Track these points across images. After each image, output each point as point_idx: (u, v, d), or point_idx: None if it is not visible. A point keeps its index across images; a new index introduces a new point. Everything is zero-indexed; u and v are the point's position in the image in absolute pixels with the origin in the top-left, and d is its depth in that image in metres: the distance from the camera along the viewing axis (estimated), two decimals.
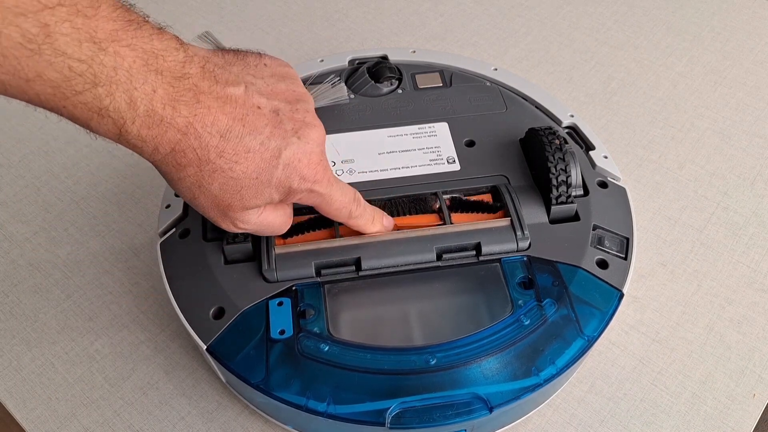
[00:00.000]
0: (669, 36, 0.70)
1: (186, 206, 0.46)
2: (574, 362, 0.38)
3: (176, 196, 0.46)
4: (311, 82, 0.52)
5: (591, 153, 0.49)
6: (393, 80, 0.53)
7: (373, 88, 0.52)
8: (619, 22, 0.71)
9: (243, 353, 0.38)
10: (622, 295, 0.41)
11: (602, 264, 0.42)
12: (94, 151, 0.59)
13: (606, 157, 0.49)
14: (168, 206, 0.46)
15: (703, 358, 0.46)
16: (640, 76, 0.65)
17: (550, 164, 0.43)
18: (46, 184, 0.57)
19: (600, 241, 0.43)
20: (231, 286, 0.41)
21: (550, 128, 0.45)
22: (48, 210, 0.55)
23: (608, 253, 0.43)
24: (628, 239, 0.44)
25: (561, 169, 0.43)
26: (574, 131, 0.51)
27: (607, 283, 0.41)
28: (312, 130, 0.34)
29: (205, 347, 0.39)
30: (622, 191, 0.47)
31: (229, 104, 0.31)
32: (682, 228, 0.53)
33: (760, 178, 0.57)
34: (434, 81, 0.53)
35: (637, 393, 0.45)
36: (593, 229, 0.44)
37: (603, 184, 0.47)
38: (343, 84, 0.50)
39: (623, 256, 0.43)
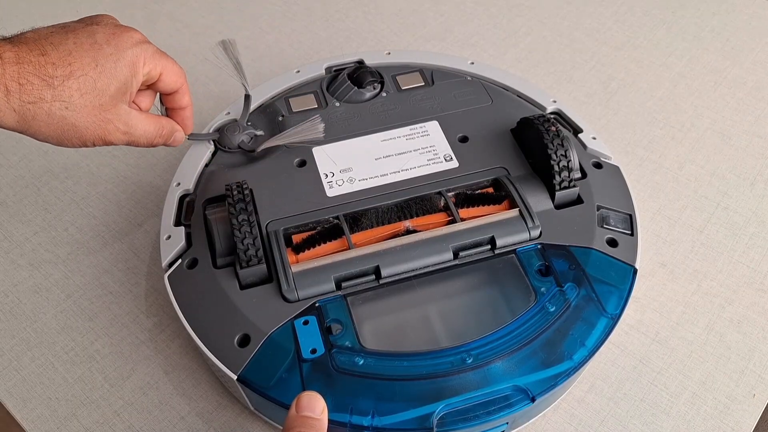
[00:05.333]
0: (669, 36, 0.70)
1: (189, 236, 0.44)
2: (603, 341, 0.39)
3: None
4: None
5: (580, 136, 0.50)
6: (375, 84, 0.53)
7: (357, 94, 0.52)
8: (619, 22, 0.71)
9: (276, 378, 0.38)
10: (635, 271, 0.42)
11: (612, 243, 0.43)
12: (94, 151, 0.59)
13: (594, 138, 0.50)
14: (168, 237, 0.44)
15: (703, 358, 0.46)
16: (640, 76, 0.65)
17: (550, 151, 0.44)
18: (46, 184, 0.57)
19: (606, 221, 0.44)
20: (252, 312, 0.40)
21: (543, 116, 0.46)
22: (48, 210, 0.55)
23: (615, 231, 0.44)
24: (631, 215, 0.45)
25: (561, 154, 0.44)
26: (560, 116, 0.52)
27: (619, 260, 0.42)
28: (98, 18, 0.41)
29: (236, 377, 0.38)
30: (617, 170, 0.48)
31: (32, 39, 0.38)
32: (682, 228, 0.53)
33: (760, 178, 0.57)
34: (416, 81, 0.54)
35: (637, 393, 0.45)
36: (597, 210, 0.44)
37: (598, 165, 0.48)
38: (320, 122, 0.48)
39: (629, 232, 0.44)
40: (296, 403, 0.32)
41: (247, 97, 0.50)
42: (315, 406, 0.32)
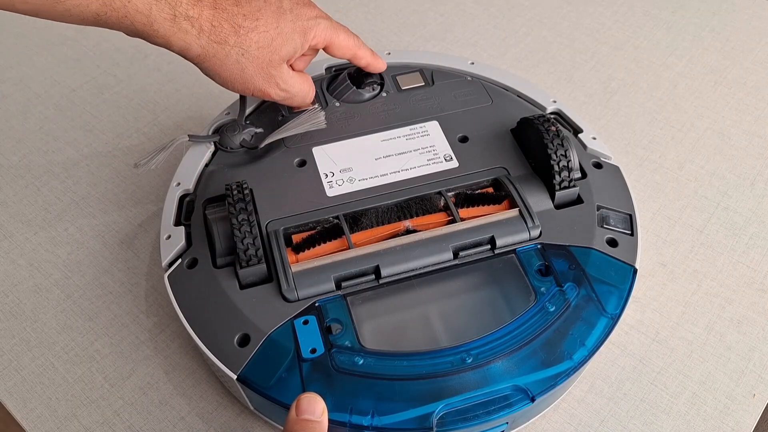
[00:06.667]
0: (669, 36, 0.70)
1: (189, 236, 0.44)
2: (603, 341, 0.39)
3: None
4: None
5: (580, 136, 0.50)
6: (375, 84, 0.53)
7: (357, 94, 0.52)
8: (619, 22, 0.71)
9: (276, 378, 0.38)
10: (635, 271, 0.42)
11: (612, 243, 0.43)
12: (94, 151, 0.59)
13: (594, 138, 0.50)
14: (168, 237, 0.44)
15: (703, 358, 0.46)
16: (640, 76, 0.65)
17: (550, 151, 0.44)
18: (46, 184, 0.57)
19: (606, 221, 0.44)
20: (251, 311, 0.40)
21: (543, 116, 0.46)
22: (48, 210, 0.55)
23: (615, 231, 0.44)
24: (631, 215, 0.45)
25: (561, 154, 0.44)
26: (560, 116, 0.52)
27: (619, 260, 0.42)
28: None
29: (236, 377, 0.38)
30: (617, 170, 0.48)
31: None
32: (682, 228, 0.53)
33: (760, 178, 0.57)
34: (416, 81, 0.54)
35: (637, 393, 0.45)
36: (597, 210, 0.45)
37: (598, 165, 0.48)
38: (321, 111, 0.49)
39: (629, 232, 0.44)
40: (296, 406, 0.32)
41: (242, 96, 0.50)
42: (315, 409, 0.32)
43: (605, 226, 0.44)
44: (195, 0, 0.40)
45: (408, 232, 0.43)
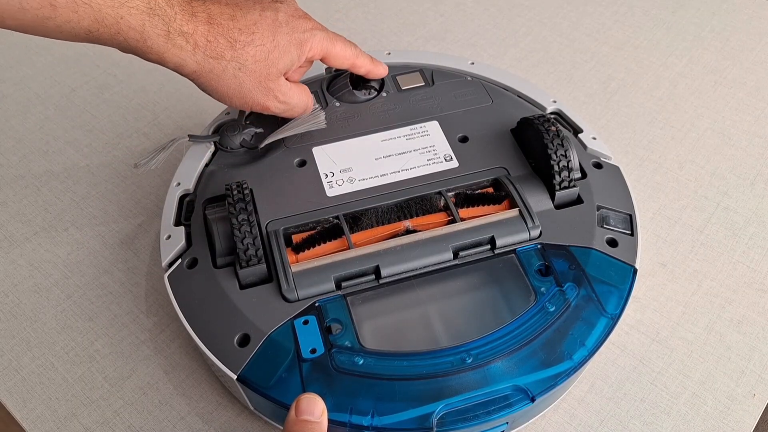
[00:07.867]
0: (669, 36, 0.70)
1: (189, 236, 0.44)
2: (603, 341, 0.39)
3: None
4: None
5: (580, 136, 0.50)
6: (375, 84, 0.53)
7: (357, 94, 0.52)
8: (619, 22, 0.71)
9: (276, 378, 0.38)
10: (635, 271, 0.42)
11: (612, 243, 0.43)
12: (94, 151, 0.59)
13: (594, 139, 0.50)
14: (168, 237, 0.44)
15: (703, 358, 0.46)
16: (640, 76, 0.65)
17: (550, 151, 0.44)
18: (46, 184, 0.57)
19: (606, 221, 0.44)
20: (251, 311, 0.40)
21: (543, 116, 0.46)
22: (48, 210, 0.55)
23: (615, 231, 0.44)
24: (631, 215, 0.45)
25: (561, 155, 0.44)
26: (560, 116, 0.52)
27: (619, 260, 0.42)
28: None
29: (236, 377, 0.38)
30: (617, 170, 0.48)
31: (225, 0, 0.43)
32: (682, 228, 0.53)
33: (760, 178, 0.57)
34: (416, 81, 0.54)
35: (637, 393, 0.45)
36: (597, 210, 0.45)
37: (598, 165, 0.48)
38: (321, 111, 0.49)
39: (629, 232, 0.44)
40: (295, 406, 0.32)
41: None
42: (314, 409, 0.32)
43: (605, 226, 0.44)
44: (189, 16, 0.40)
45: (408, 232, 0.43)
